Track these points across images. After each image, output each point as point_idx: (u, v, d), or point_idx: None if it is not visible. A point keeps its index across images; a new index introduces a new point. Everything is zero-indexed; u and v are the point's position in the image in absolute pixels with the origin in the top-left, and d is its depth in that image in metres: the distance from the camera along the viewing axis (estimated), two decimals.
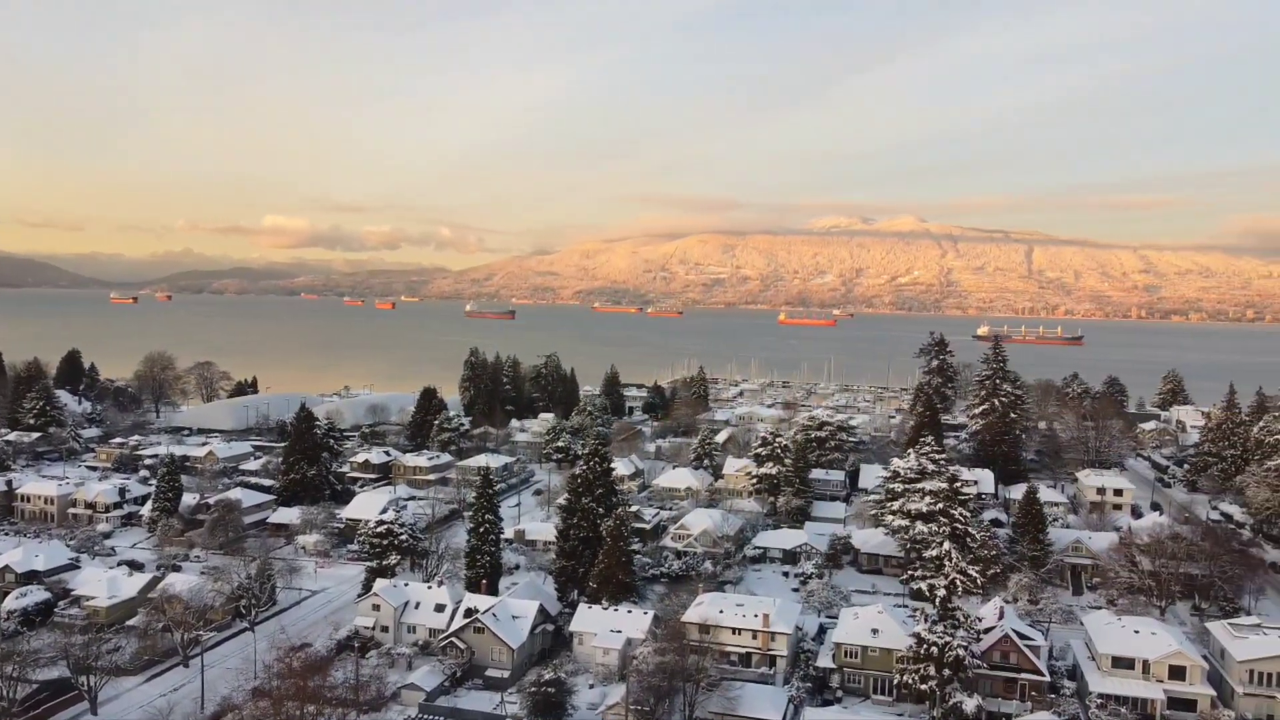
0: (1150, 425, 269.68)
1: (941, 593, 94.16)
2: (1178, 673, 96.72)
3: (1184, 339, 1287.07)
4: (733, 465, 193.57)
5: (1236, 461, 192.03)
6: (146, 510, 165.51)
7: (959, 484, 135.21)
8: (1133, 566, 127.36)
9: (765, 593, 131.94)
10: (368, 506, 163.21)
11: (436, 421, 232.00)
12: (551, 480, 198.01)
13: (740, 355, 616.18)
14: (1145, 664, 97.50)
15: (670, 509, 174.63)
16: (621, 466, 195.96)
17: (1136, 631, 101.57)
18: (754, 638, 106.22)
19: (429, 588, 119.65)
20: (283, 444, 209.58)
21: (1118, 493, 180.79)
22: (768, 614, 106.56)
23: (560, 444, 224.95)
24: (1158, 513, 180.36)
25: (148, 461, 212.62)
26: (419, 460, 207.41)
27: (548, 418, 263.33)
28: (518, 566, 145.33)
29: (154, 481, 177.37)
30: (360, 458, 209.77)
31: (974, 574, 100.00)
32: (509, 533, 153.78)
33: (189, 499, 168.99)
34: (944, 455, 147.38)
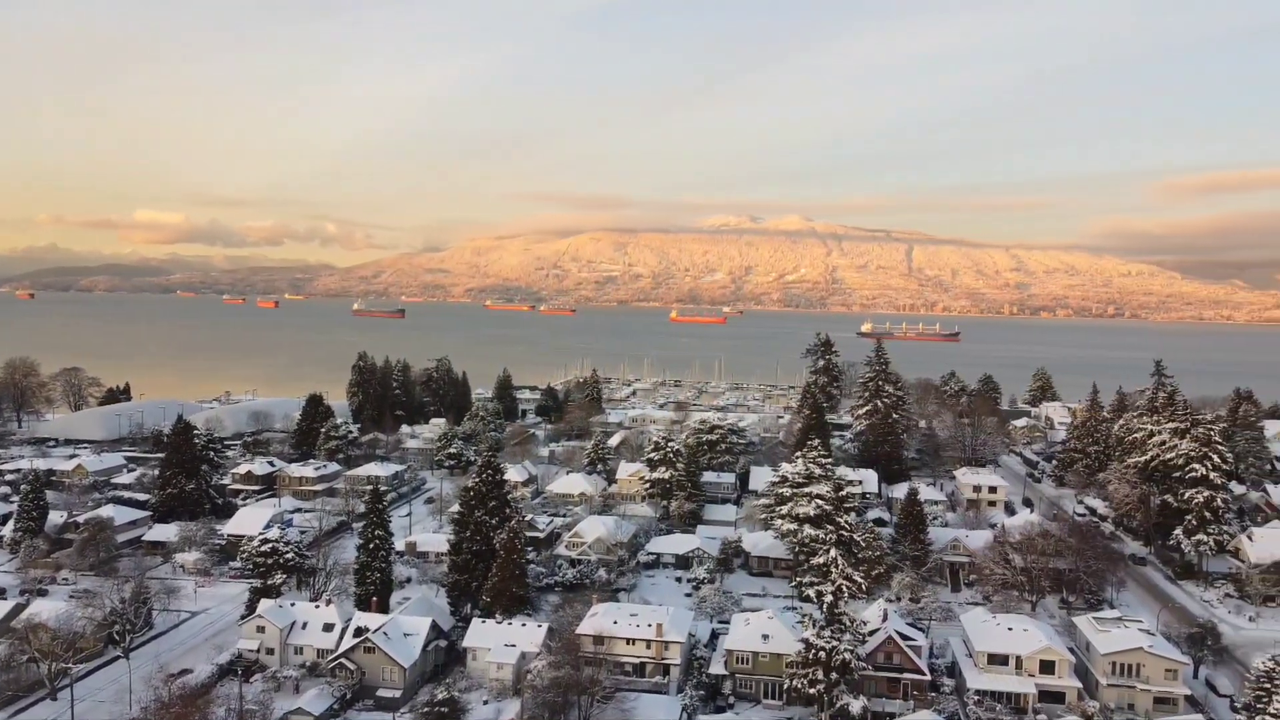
0: (1022, 422, 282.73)
1: (829, 599, 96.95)
2: (1048, 667, 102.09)
3: (1052, 335, 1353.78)
4: (626, 470, 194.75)
5: (1100, 457, 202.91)
6: (8, 531, 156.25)
7: (844, 491, 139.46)
8: (1006, 564, 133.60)
9: (659, 599, 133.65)
10: (251, 521, 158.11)
11: (323, 429, 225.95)
12: (444, 488, 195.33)
13: (633, 354, 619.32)
14: (1018, 660, 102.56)
15: (564, 515, 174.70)
16: (514, 473, 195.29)
17: (1010, 629, 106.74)
18: (648, 647, 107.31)
19: (317, 607, 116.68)
20: (159, 455, 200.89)
21: (992, 490, 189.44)
22: (661, 623, 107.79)
23: (453, 450, 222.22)
24: (1029, 508, 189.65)
25: (8, 477, 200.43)
26: (305, 470, 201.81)
27: (439, 423, 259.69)
28: (409, 580, 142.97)
29: (16, 499, 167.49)
30: (243, 469, 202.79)
31: (859, 579, 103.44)
32: (400, 545, 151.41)
33: (56, 517, 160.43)
34: (830, 459, 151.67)
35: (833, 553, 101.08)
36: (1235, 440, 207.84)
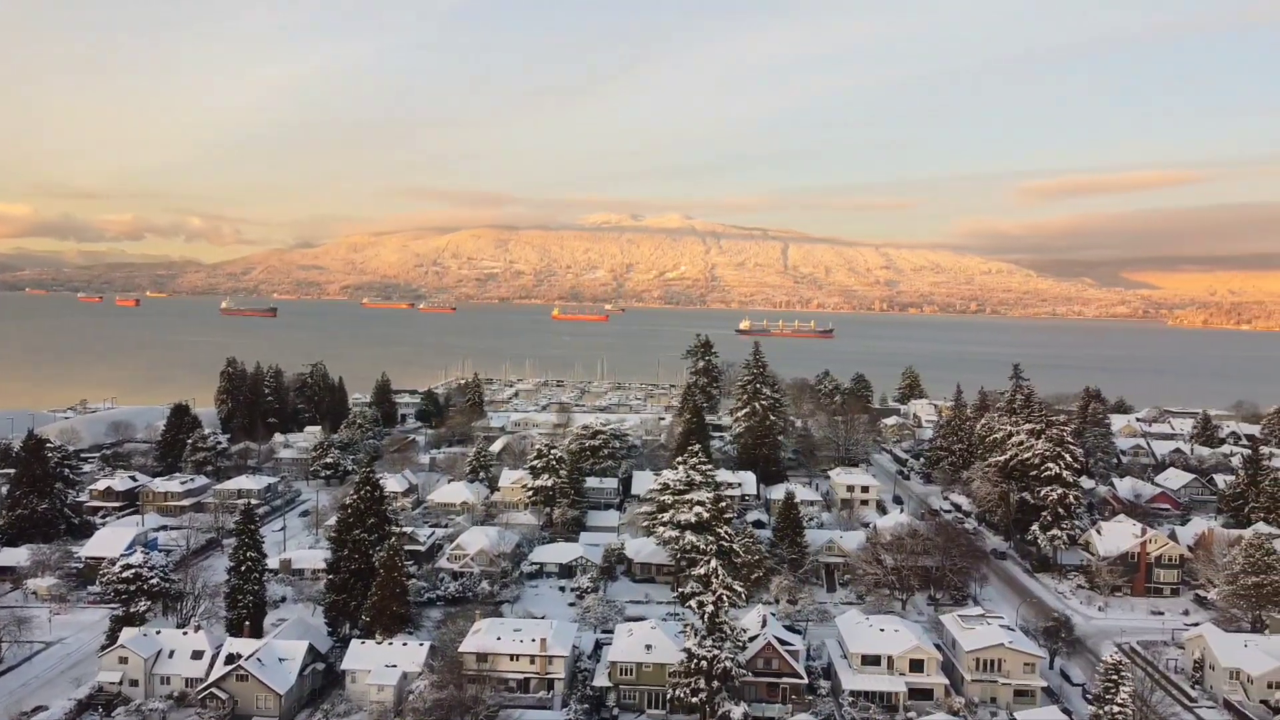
0: (892, 420, 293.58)
1: (710, 608, 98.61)
2: (918, 665, 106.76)
3: (919, 330, 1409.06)
4: (508, 477, 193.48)
5: (964, 455, 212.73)
6: None
7: (723, 504, 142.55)
8: (878, 564, 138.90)
9: (543, 610, 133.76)
10: (112, 542, 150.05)
11: (190, 440, 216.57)
12: (320, 500, 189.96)
13: (515, 354, 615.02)
14: (890, 660, 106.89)
15: (446, 525, 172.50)
16: (394, 483, 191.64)
17: (882, 630, 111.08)
18: (532, 662, 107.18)
19: (185, 633, 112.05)
20: (7, 472, 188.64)
21: (865, 490, 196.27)
22: (545, 638, 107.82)
23: (329, 460, 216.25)
24: (900, 506, 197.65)
25: None
26: (171, 485, 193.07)
27: (315, 431, 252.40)
28: (284, 599, 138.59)
29: None
30: (102, 485, 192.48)
31: (739, 588, 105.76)
32: (274, 562, 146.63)
33: None
34: (710, 466, 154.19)
35: (713, 563, 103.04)
36: (1085, 437, 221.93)
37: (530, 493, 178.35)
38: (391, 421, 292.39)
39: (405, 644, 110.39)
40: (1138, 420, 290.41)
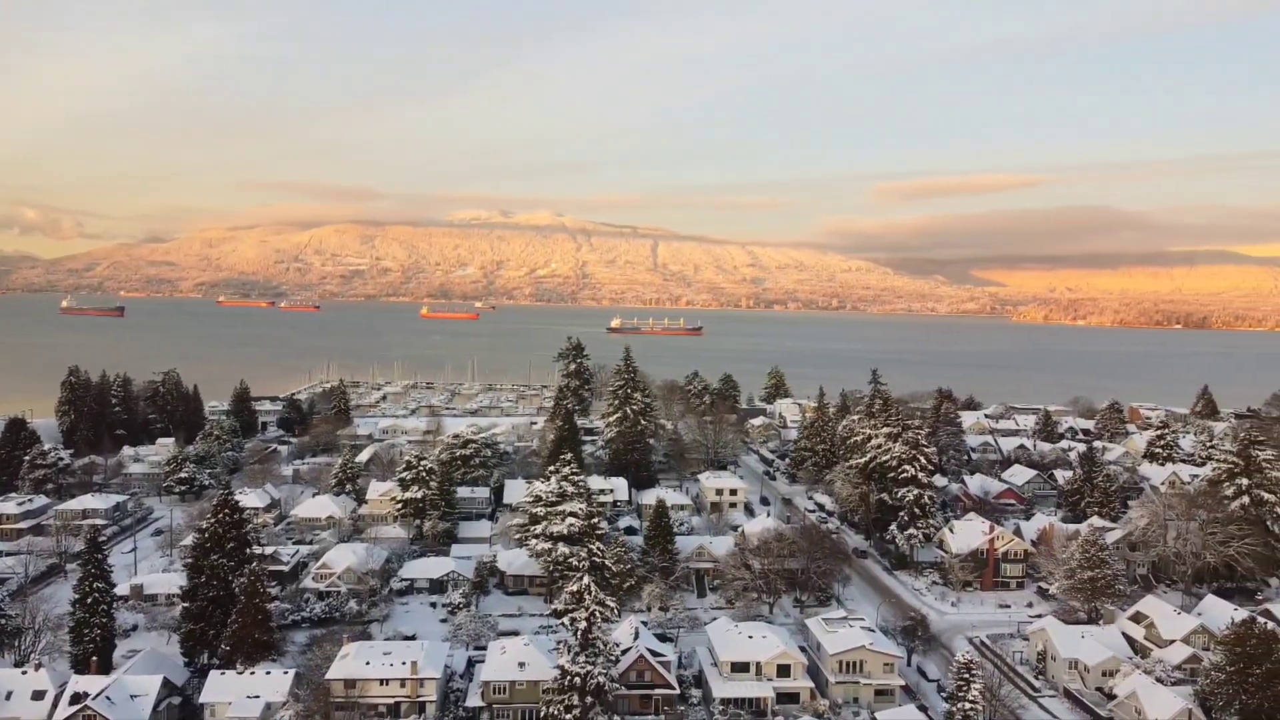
0: (759, 421, 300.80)
1: (583, 625, 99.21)
2: (784, 670, 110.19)
3: (784, 327, 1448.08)
4: (377, 489, 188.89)
5: (827, 455, 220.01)
6: None
7: (596, 518, 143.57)
8: (746, 569, 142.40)
9: (413, 628, 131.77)
10: None
11: (28, 457, 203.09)
12: (175, 517, 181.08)
13: (382, 355, 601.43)
14: (758, 666, 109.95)
15: (311, 542, 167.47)
16: (255, 498, 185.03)
17: (750, 637, 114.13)
18: (403, 686, 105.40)
19: (24, 672, 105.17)
20: None
21: (733, 492, 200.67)
22: (416, 660, 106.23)
23: (184, 475, 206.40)
24: (767, 507, 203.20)
25: None
26: (6, 507, 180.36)
27: (168, 444, 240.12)
28: (135, 627, 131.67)
29: None
30: None
31: (612, 604, 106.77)
32: (124, 588, 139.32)
33: None
34: (582, 476, 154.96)
35: (586, 579, 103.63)
36: (939, 436, 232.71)
37: (400, 505, 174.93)
38: (251, 431, 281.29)
39: (269, 673, 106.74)
40: (986, 417, 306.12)
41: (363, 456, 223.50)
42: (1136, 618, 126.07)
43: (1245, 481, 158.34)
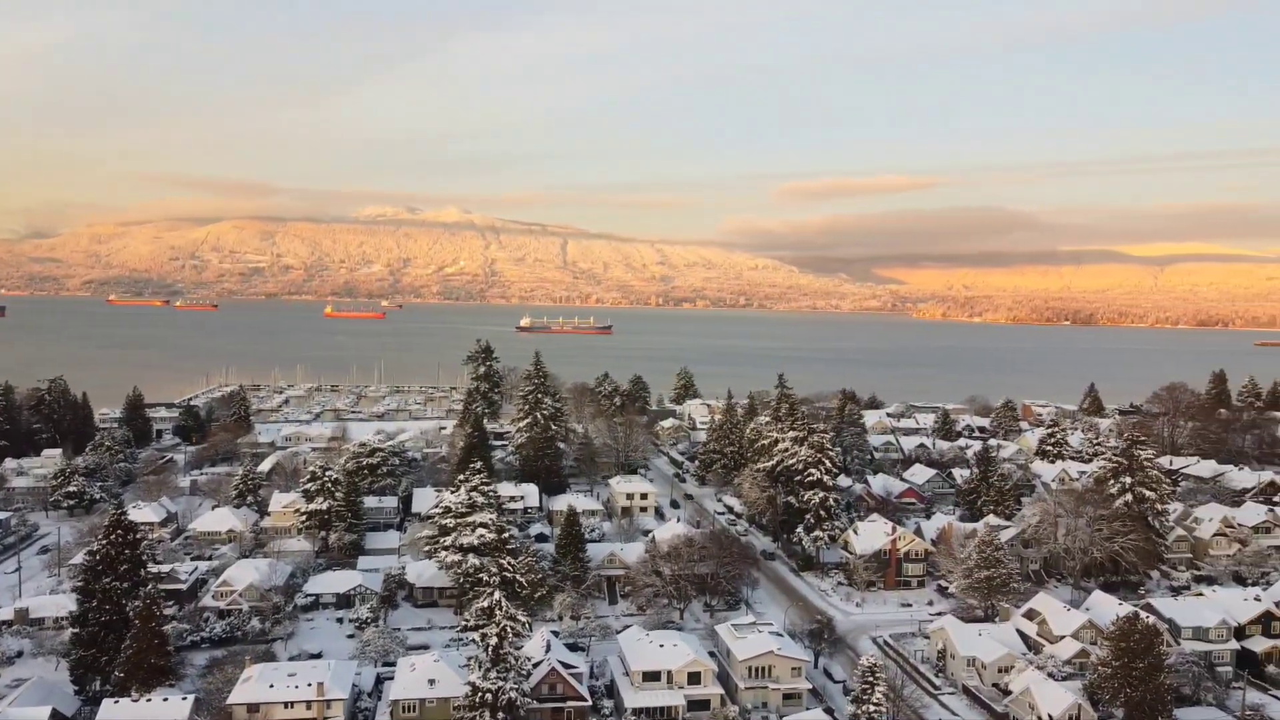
0: (668, 423, 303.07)
1: (494, 640, 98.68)
2: (695, 678, 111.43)
3: (693, 325, 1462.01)
4: (280, 500, 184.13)
5: (735, 457, 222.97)
6: None
7: (507, 533, 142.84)
8: (657, 575, 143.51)
9: (320, 645, 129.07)
10: None
11: None
12: (63, 534, 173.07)
13: (285, 357, 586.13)
14: (669, 674, 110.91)
15: (211, 558, 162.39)
16: (150, 511, 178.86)
17: (661, 645, 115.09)
18: (308, 708, 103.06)
19: None
20: None
21: (643, 497, 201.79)
22: (322, 681, 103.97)
23: (72, 488, 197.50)
24: (677, 510, 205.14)
25: None
26: None
27: (54, 455, 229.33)
28: (20, 654, 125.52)
29: None
30: None
31: (523, 619, 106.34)
32: (8, 611, 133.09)
33: None
34: (492, 486, 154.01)
35: (496, 594, 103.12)
36: (843, 436, 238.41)
37: (304, 517, 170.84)
38: (146, 440, 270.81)
39: (166, 699, 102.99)
40: (888, 415, 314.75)
41: (265, 466, 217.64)
42: (1030, 614, 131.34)
43: (1128, 480, 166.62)
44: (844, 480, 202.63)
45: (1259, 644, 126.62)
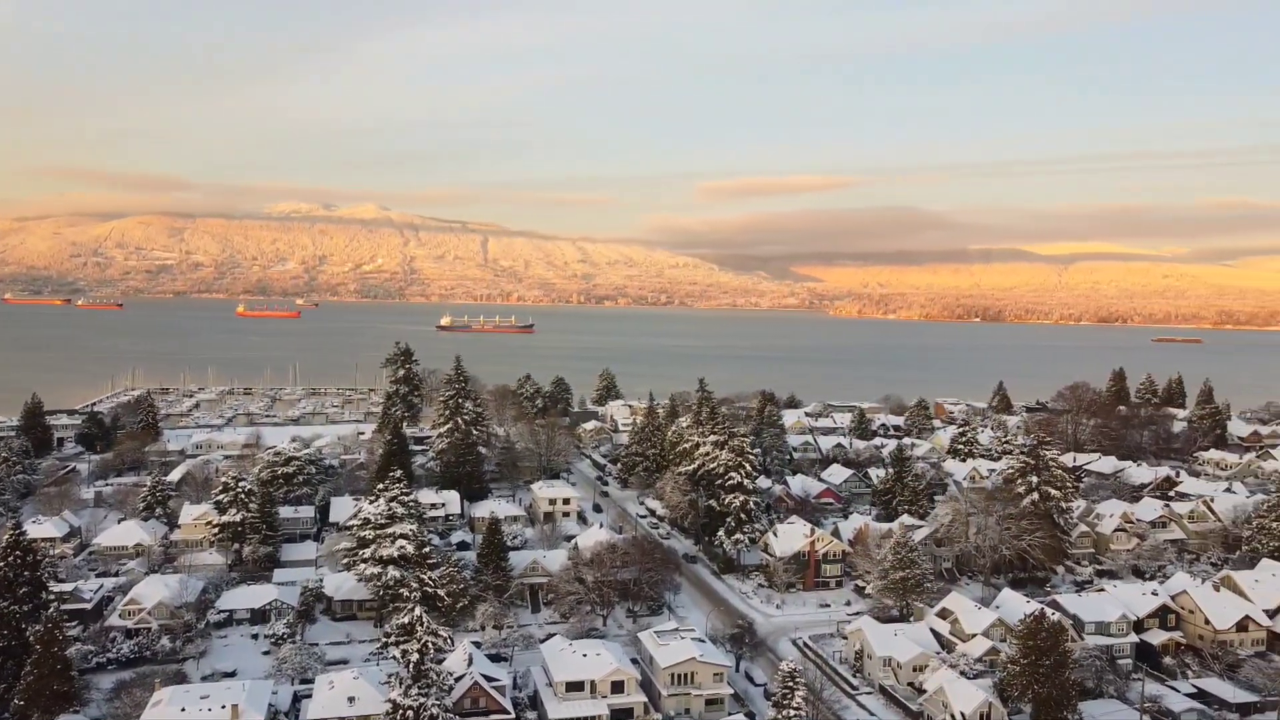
0: (591, 425, 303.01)
1: (415, 657, 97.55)
2: (618, 687, 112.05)
3: (615, 323, 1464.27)
4: (191, 512, 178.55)
5: (658, 460, 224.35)
6: None
7: (428, 547, 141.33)
8: (580, 582, 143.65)
9: (234, 663, 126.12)
10: None
11: None
12: None
13: (194, 358, 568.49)
14: (593, 684, 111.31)
15: (117, 574, 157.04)
16: (51, 527, 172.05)
17: (585, 655, 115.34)
18: None
19: None
20: None
21: (566, 501, 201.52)
22: (236, 704, 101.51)
23: None
24: (600, 515, 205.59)
25: None
26: None
27: None
28: None
29: None
30: None
31: (444, 634, 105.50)
32: None
33: None
34: (412, 496, 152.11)
35: (417, 610, 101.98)
36: (763, 437, 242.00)
37: (217, 529, 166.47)
38: (46, 449, 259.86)
39: None
40: (806, 415, 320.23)
41: (174, 476, 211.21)
42: (943, 613, 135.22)
43: (1035, 479, 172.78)
44: (764, 482, 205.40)
45: (1156, 636, 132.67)
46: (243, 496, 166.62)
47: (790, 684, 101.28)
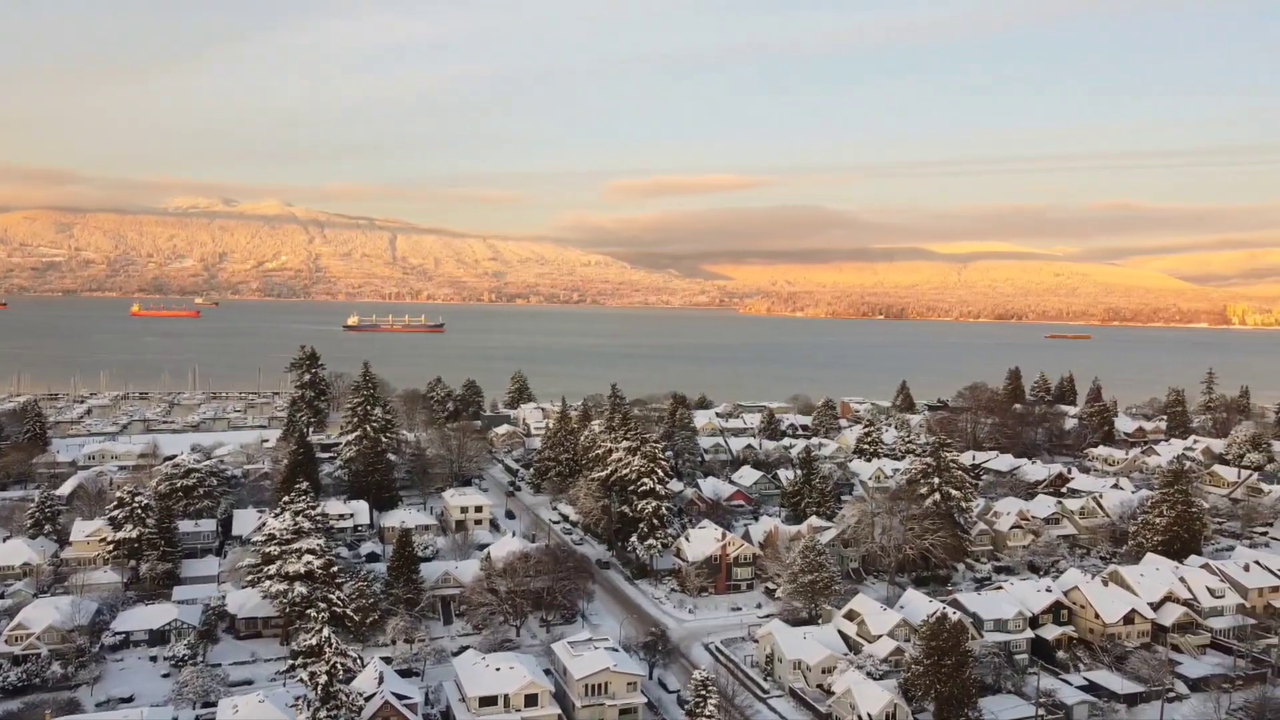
0: (503, 429, 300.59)
1: (323, 679, 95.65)
2: (532, 700, 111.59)
3: (527, 321, 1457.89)
4: (83, 529, 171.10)
5: (570, 465, 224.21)
6: None
7: (336, 566, 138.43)
8: (493, 593, 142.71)
9: (131, 688, 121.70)
10: None
11: None
12: None
13: (85, 360, 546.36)
14: (506, 698, 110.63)
15: (3, 595, 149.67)
16: None
17: (498, 669, 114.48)
18: None
19: None
20: None
21: (478, 509, 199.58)
22: None
23: None
24: (513, 522, 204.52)
25: None
26: None
27: None
28: None
29: None
30: None
31: (354, 654, 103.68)
32: None
33: None
34: (319, 510, 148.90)
35: (325, 631, 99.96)
36: (675, 440, 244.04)
37: (112, 546, 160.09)
38: None
39: None
40: (717, 415, 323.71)
41: (64, 489, 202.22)
42: (850, 615, 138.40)
43: (936, 480, 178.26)
44: (676, 485, 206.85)
45: (1050, 632, 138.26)
46: (139, 511, 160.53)
47: (703, 692, 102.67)
